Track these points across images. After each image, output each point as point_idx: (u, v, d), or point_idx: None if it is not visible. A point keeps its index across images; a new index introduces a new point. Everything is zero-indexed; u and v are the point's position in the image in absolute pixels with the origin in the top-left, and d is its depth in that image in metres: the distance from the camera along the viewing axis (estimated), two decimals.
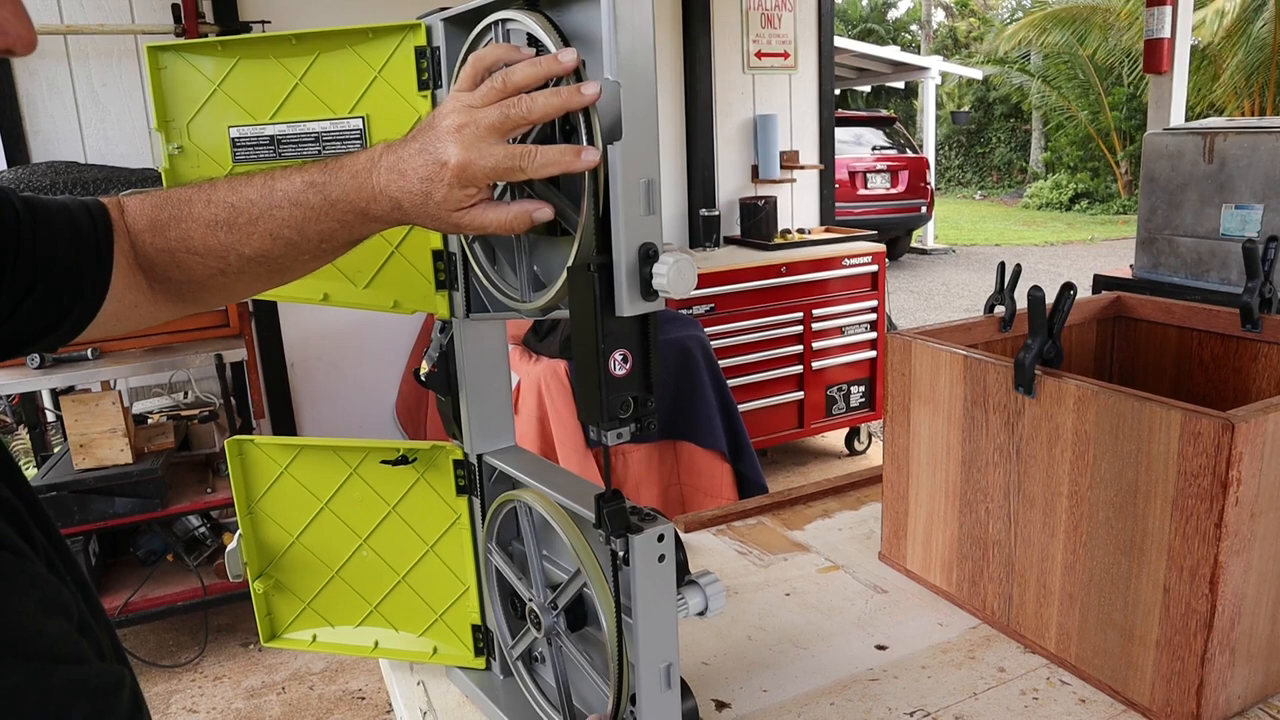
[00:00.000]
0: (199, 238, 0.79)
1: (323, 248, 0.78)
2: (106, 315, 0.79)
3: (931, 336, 1.21)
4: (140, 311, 0.82)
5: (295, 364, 3.93)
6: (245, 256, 0.78)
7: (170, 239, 0.80)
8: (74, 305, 0.76)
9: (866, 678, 1.08)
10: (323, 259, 0.81)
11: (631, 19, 0.67)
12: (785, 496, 1.59)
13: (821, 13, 4.85)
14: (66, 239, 0.75)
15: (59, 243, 0.75)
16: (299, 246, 0.77)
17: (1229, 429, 0.84)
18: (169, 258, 0.80)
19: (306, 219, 0.75)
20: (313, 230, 0.76)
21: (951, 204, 18.60)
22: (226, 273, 0.80)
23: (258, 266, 0.79)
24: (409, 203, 0.71)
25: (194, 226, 0.79)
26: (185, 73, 1.03)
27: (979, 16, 23.17)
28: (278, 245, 0.77)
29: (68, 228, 0.76)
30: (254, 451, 1.11)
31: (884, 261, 4.48)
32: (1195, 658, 0.91)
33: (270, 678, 2.90)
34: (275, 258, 0.78)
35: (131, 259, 0.80)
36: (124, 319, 0.81)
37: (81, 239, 0.76)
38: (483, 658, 1.10)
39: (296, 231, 0.76)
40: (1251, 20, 12.36)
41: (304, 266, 0.82)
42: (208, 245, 0.78)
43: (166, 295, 0.83)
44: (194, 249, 0.79)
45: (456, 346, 0.99)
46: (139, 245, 0.81)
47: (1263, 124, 2.60)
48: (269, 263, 0.79)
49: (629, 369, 0.71)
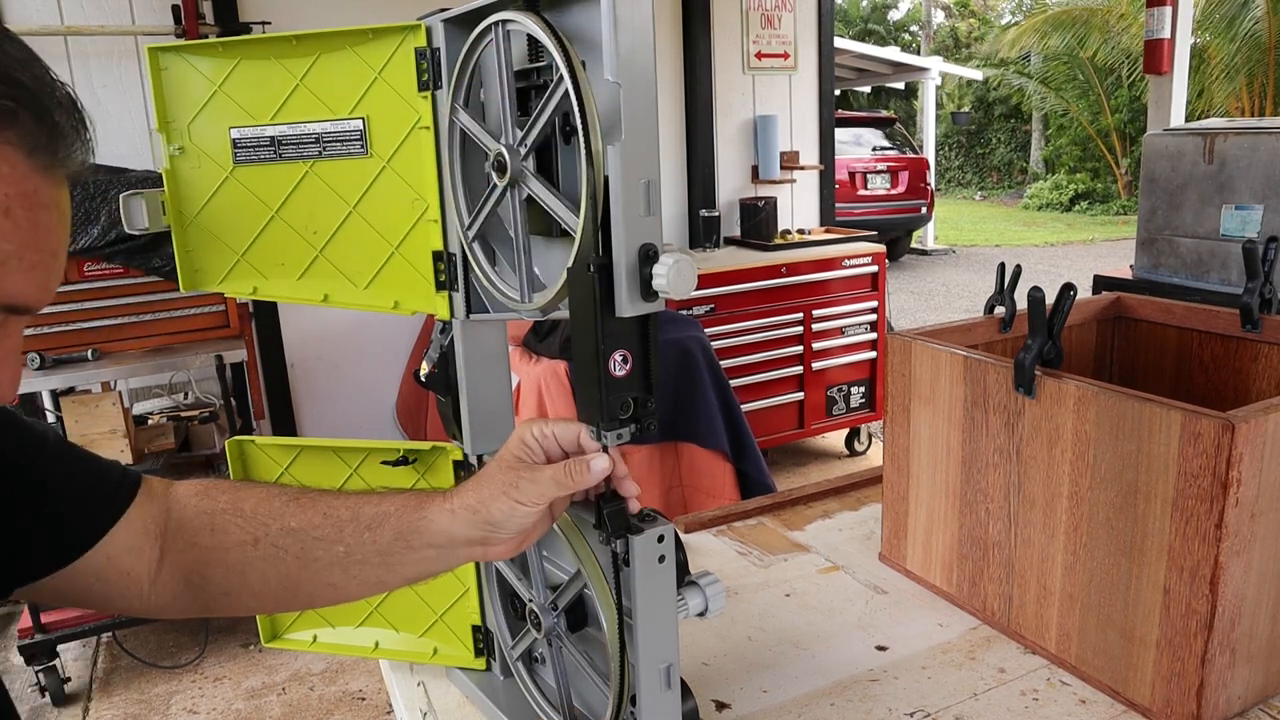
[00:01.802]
0: (253, 500, 0.81)
1: (369, 542, 0.78)
2: (86, 571, 0.77)
3: (931, 337, 1.21)
4: (131, 583, 0.80)
5: (295, 364, 3.93)
6: (288, 528, 0.79)
7: (220, 501, 0.82)
8: (44, 545, 0.76)
9: (867, 678, 1.08)
10: (359, 564, 0.79)
11: (631, 19, 0.67)
12: (785, 497, 1.59)
13: (821, 13, 4.86)
14: (74, 480, 0.78)
15: (63, 479, 0.77)
16: (345, 529, 0.78)
17: (1229, 429, 0.84)
18: (208, 519, 0.81)
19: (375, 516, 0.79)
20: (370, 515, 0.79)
21: (951, 204, 18.60)
22: (260, 543, 0.79)
23: (293, 545, 0.79)
24: None
25: (253, 491, 0.82)
26: (186, 74, 1.03)
27: (979, 17, 23.17)
28: (327, 522, 0.78)
29: (85, 472, 0.79)
30: (254, 452, 1.11)
31: (884, 262, 4.48)
32: (1195, 658, 0.91)
33: (271, 678, 2.90)
34: (314, 539, 0.79)
35: (154, 527, 0.81)
36: (107, 584, 0.79)
37: (93, 488, 0.79)
38: (483, 658, 1.09)
39: (352, 513, 0.79)
40: (1238, 15, 12.21)
41: (337, 564, 0.80)
42: (258, 509, 0.80)
43: (175, 574, 0.82)
44: (242, 511, 0.80)
45: (456, 347, 0.99)
46: (176, 508, 0.82)
47: (1263, 124, 2.60)
48: (305, 544, 0.79)
49: (629, 369, 0.71)
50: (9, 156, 0.52)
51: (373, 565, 0.78)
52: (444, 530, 0.76)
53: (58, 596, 0.78)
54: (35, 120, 0.53)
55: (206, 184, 1.05)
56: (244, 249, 1.05)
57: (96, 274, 2.84)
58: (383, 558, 0.77)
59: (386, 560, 0.78)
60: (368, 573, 0.79)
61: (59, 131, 0.55)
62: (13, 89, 0.52)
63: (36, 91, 0.53)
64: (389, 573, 0.79)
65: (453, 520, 0.75)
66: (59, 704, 2.80)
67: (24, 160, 0.53)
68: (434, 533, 0.76)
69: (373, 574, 0.79)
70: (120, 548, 0.78)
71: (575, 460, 0.74)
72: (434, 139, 0.92)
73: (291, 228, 1.03)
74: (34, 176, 0.54)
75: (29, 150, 0.53)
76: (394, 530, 0.77)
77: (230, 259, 1.06)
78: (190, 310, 2.98)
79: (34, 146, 0.53)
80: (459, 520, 0.75)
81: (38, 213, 0.54)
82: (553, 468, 0.75)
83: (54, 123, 0.54)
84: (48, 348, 2.77)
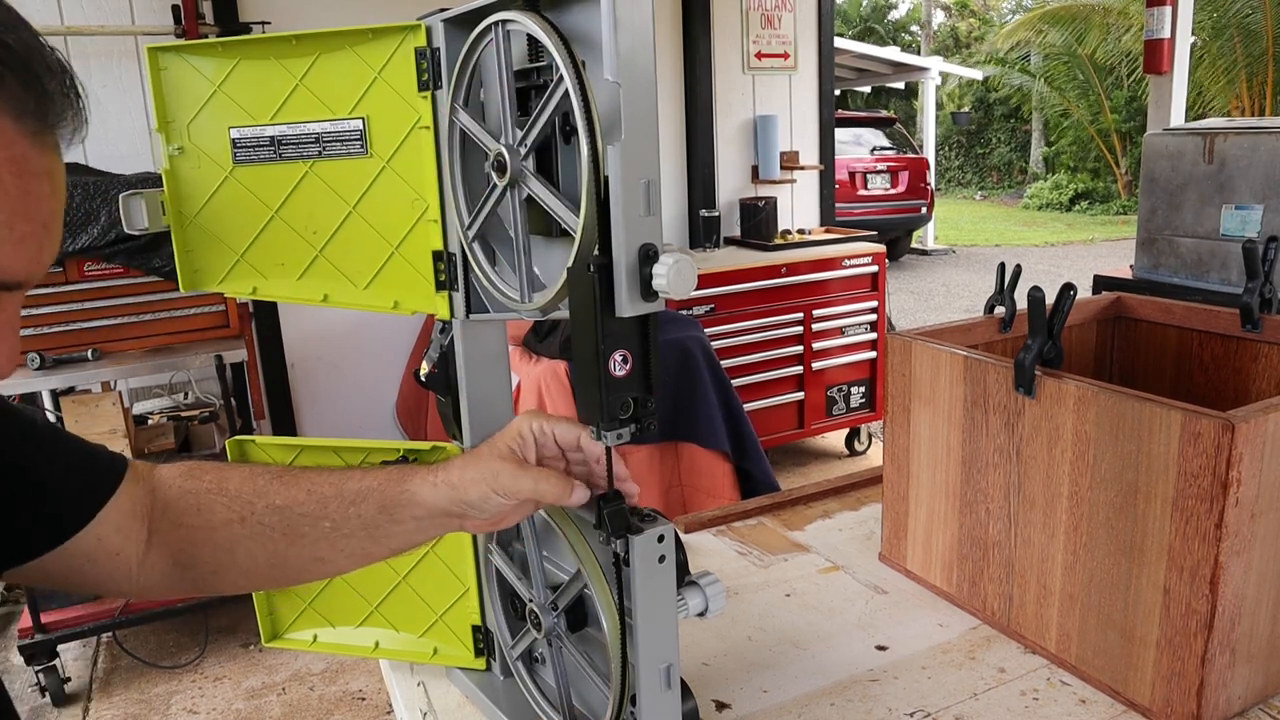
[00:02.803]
0: (237, 479, 0.82)
1: (354, 516, 0.79)
2: (76, 553, 0.77)
3: (931, 337, 1.21)
4: (121, 563, 0.80)
5: (295, 364, 3.93)
6: (274, 506, 0.80)
7: (205, 481, 0.83)
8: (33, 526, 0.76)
9: (866, 678, 1.08)
10: (346, 537, 0.81)
11: (631, 19, 0.67)
12: (785, 497, 1.59)
13: (821, 13, 4.86)
14: (62, 463, 0.78)
15: (51, 462, 0.77)
16: (329, 504, 0.79)
17: (1229, 429, 0.84)
18: (194, 499, 0.82)
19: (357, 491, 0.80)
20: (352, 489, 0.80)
21: (951, 204, 18.59)
22: (246, 521, 0.80)
23: (279, 522, 0.80)
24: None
25: (237, 470, 0.83)
26: (186, 74, 1.03)
27: (979, 17, 23.17)
28: (311, 499, 0.80)
29: (73, 455, 0.79)
30: (254, 452, 1.11)
31: (884, 262, 4.48)
32: (1195, 658, 0.91)
33: (271, 678, 2.90)
34: (300, 515, 0.80)
35: (141, 508, 0.81)
36: (97, 565, 0.79)
37: (82, 470, 0.79)
38: (483, 658, 1.09)
39: (335, 489, 0.80)
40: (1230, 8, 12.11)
41: (324, 539, 0.81)
42: (242, 488, 0.81)
43: (163, 554, 0.82)
44: (227, 490, 0.81)
45: (456, 347, 0.99)
46: (162, 489, 0.83)
47: (1263, 124, 2.60)
48: (292, 520, 0.80)
49: (629, 369, 0.71)
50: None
51: (359, 538, 0.80)
52: (424, 501, 0.78)
53: (47, 579, 0.78)
54: (22, 85, 0.52)
55: (206, 184, 1.05)
56: (244, 249, 1.05)
57: (96, 274, 2.84)
58: (368, 530, 0.79)
59: (372, 533, 0.80)
60: (354, 545, 0.80)
61: (48, 97, 0.53)
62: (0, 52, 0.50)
63: (23, 55, 0.52)
64: (375, 544, 0.81)
65: (433, 492, 0.78)
66: (59, 704, 2.80)
67: (11, 125, 0.51)
68: (415, 504, 0.78)
69: (359, 546, 0.80)
70: (110, 528, 0.78)
71: (558, 481, 0.76)
72: (434, 139, 0.92)
73: (291, 228, 1.03)
74: (21, 141, 0.52)
75: (16, 115, 0.51)
76: (378, 503, 0.79)
77: (230, 259, 1.06)
78: (190, 310, 2.98)
79: (21, 111, 0.52)
80: (439, 493, 0.77)
81: (28, 180, 0.53)
82: (535, 474, 0.76)
83: (43, 88, 0.53)
84: (48, 348, 2.77)
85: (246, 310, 3.25)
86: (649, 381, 0.73)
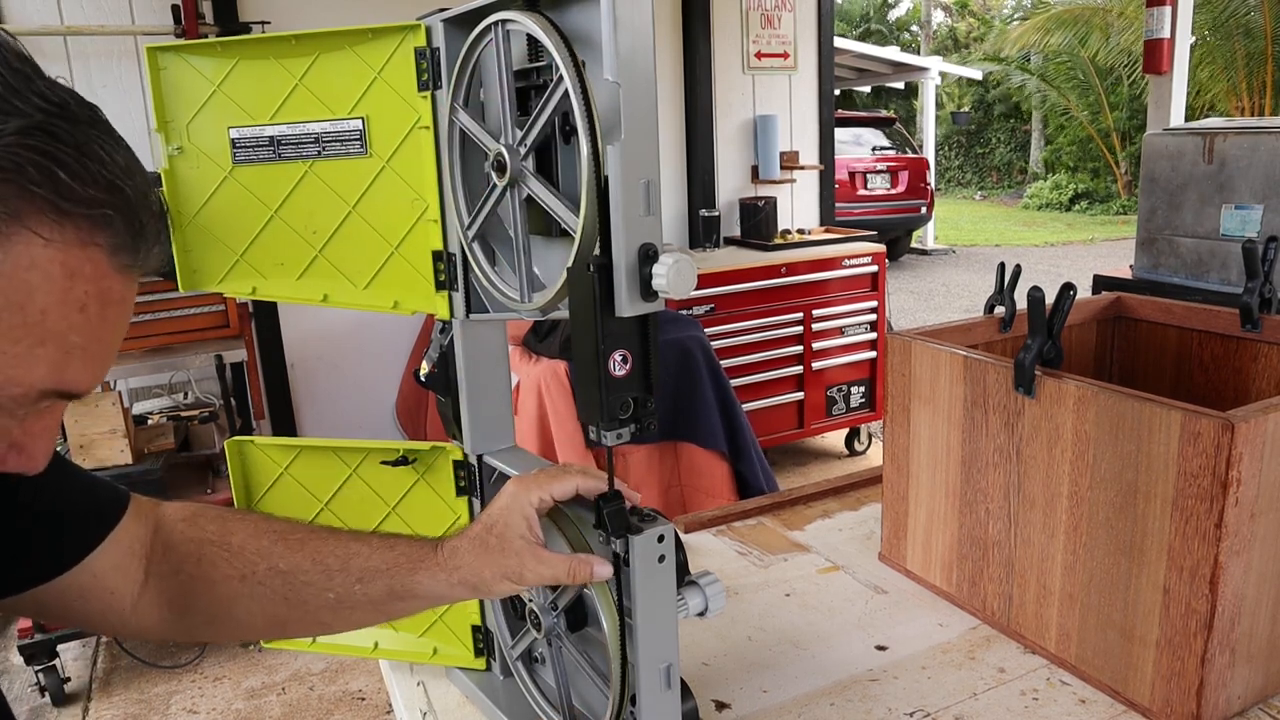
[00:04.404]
0: (241, 535, 0.82)
1: (359, 593, 0.80)
2: (70, 586, 0.76)
3: (931, 337, 1.21)
4: (115, 602, 0.79)
5: (295, 364, 3.93)
6: (277, 569, 0.80)
7: (208, 531, 0.82)
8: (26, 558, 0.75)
9: (866, 678, 1.08)
10: (350, 609, 0.81)
11: (631, 19, 0.67)
12: (785, 497, 1.59)
13: (821, 13, 4.85)
14: (65, 494, 0.77)
15: (53, 492, 0.76)
16: (334, 577, 0.80)
17: (1229, 429, 0.84)
18: (195, 548, 0.81)
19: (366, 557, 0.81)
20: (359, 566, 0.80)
21: (951, 204, 18.59)
22: (247, 580, 0.80)
23: (281, 586, 0.80)
24: None
25: (242, 524, 0.83)
26: (185, 74, 1.03)
27: (979, 17, 23.17)
28: (316, 568, 0.80)
29: (76, 487, 0.79)
30: (254, 452, 1.11)
31: (884, 262, 4.48)
32: (1195, 658, 0.91)
33: (270, 678, 2.90)
34: (303, 583, 0.80)
35: (140, 547, 0.81)
36: (90, 601, 0.78)
37: (84, 504, 0.79)
38: (483, 658, 1.09)
39: (342, 562, 0.80)
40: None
41: (327, 608, 0.81)
42: (245, 545, 0.81)
43: (159, 598, 0.81)
44: (229, 545, 0.81)
45: (456, 347, 0.99)
46: (164, 530, 0.82)
47: (1263, 124, 2.60)
48: (294, 587, 0.80)
49: (629, 369, 0.71)
50: (95, 258, 0.53)
51: (363, 610, 0.81)
52: (439, 595, 0.80)
53: (40, 610, 0.78)
54: (126, 228, 0.55)
55: (205, 184, 1.05)
56: (243, 249, 1.05)
57: None
58: (374, 606, 0.80)
59: (378, 608, 0.81)
60: (358, 616, 0.82)
61: (144, 235, 0.56)
62: (115, 198, 0.53)
63: (135, 202, 0.55)
64: (380, 616, 0.83)
65: (449, 589, 0.79)
66: (59, 704, 2.79)
67: (107, 260, 0.54)
68: (426, 593, 0.80)
69: (364, 617, 0.82)
70: (107, 565, 0.78)
71: (581, 565, 0.77)
72: (434, 139, 0.92)
73: (291, 228, 1.03)
74: (112, 275, 0.55)
75: (112, 250, 0.54)
76: (385, 587, 0.79)
77: (229, 259, 1.06)
78: (190, 310, 2.98)
79: (117, 248, 0.55)
80: (455, 591, 0.80)
81: (109, 309, 0.56)
82: (556, 563, 0.78)
83: (141, 227, 0.56)
84: None
85: (246, 310, 3.25)
86: (649, 381, 0.73)
